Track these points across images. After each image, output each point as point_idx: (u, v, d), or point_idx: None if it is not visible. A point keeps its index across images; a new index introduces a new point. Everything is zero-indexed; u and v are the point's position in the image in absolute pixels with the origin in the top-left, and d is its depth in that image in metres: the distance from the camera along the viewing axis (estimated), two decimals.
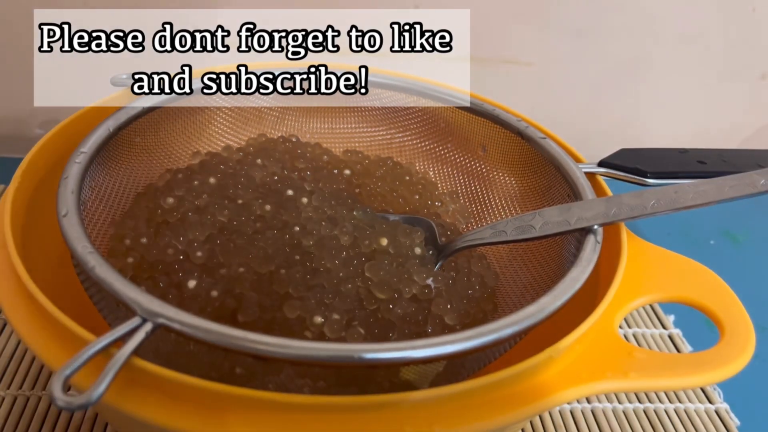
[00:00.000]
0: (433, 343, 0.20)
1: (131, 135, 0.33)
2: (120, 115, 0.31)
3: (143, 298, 0.20)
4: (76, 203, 0.25)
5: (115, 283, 0.21)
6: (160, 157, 0.36)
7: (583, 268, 0.25)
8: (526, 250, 0.34)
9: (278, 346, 0.19)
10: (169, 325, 0.20)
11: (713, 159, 0.34)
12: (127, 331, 0.20)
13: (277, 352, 0.19)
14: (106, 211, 0.31)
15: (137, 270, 0.29)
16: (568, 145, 0.34)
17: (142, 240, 0.30)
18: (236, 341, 0.19)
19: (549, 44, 0.55)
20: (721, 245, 0.51)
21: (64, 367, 0.18)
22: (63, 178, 0.26)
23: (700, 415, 0.35)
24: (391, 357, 0.20)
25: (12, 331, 0.35)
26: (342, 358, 0.20)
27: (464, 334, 0.21)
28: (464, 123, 0.38)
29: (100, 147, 0.29)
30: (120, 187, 0.33)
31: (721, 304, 0.26)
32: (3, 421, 0.30)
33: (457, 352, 0.21)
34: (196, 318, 0.20)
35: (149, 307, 0.20)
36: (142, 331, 0.20)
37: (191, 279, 0.28)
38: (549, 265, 0.31)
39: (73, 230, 0.23)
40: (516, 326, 0.22)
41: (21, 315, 0.22)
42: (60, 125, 0.32)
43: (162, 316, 0.20)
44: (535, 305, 0.23)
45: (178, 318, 0.20)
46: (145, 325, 0.20)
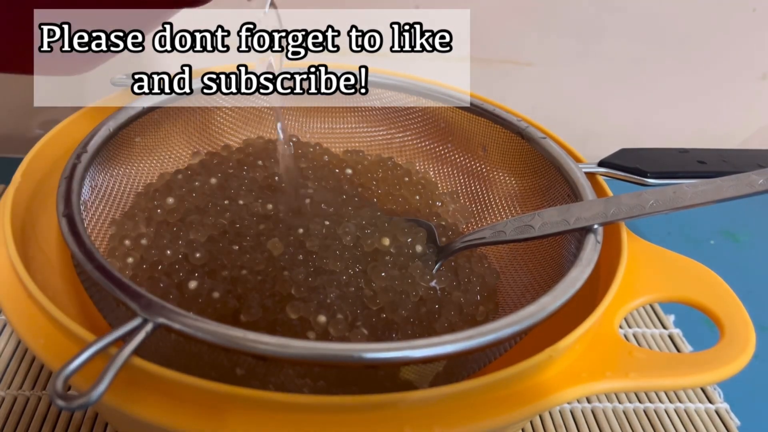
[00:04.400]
0: (433, 343, 0.20)
1: (131, 135, 0.33)
2: (120, 115, 0.31)
3: (143, 298, 0.20)
4: (77, 203, 0.25)
5: (116, 283, 0.21)
6: (160, 156, 0.36)
7: (582, 268, 0.25)
8: (527, 251, 0.34)
9: (278, 345, 0.19)
10: (170, 325, 0.20)
11: (713, 159, 0.34)
12: (128, 331, 0.20)
13: (277, 352, 0.19)
14: (106, 210, 0.32)
15: (137, 270, 0.29)
16: (569, 145, 0.34)
17: (142, 241, 0.31)
18: (237, 341, 0.19)
19: (549, 44, 0.55)
20: (721, 245, 0.51)
21: (63, 367, 0.18)
22: (63, 178, 0.26)
23: (700, 415, 0.35)
24: (392, 357, 0.20)
25: (12, 331, 0.35)
26: (342, 358, 0.20)
27: (464, 333, 0.21)
28: (464, 123, 0.38)
29: (101, 147, 0.29)
30: (120, 187, 0.33)
31: (721, 304, 0.26)
32: (3, 421, 0.30)
33: (457, 351, 0.21)
34: (197, 318, 0.20)
35: (150, 307, 0.20)
36: (143, 332, 0.20)
37: (192, 280, 0.28)
38: (549, 265, 0.31)
39: (73, 230, 0.23)
40: (516, 326, 0.22)
41: (21, 315, 0.22)
42: (60, 125, 0.32)
43: (162, 316, 0.20)
44: (535, 305, 0.23)
45: (179, 318, 0.20)
46: (146, 325, 0.20)
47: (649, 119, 0.62)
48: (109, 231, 0.31)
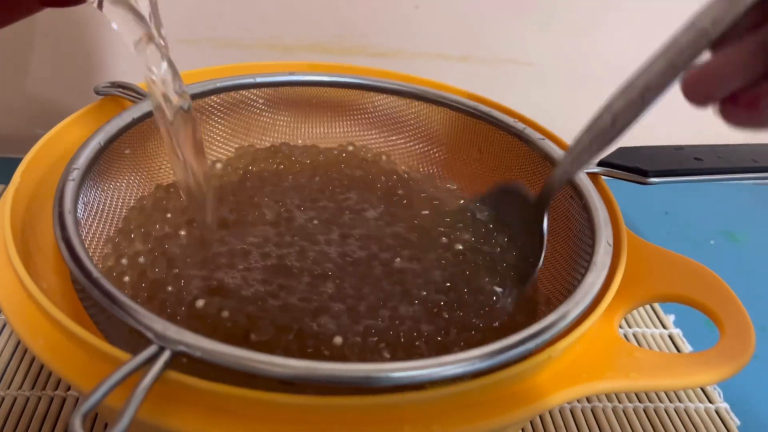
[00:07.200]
0: (457, 360, 0.20)
1: (121, 147, 0.32)
2: (110, 128, 0.30)
3: (158, 325, 0.20)
4: (74, 224, 0.25)
5: (129, 311, 0.20)
6: (150, 169, 0.35)
7: (598, 273, 0.25)
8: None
9: (304, 369, 0.19)
10: (190, 353, 0.19)
11: (709, 155, 0.34)
12: (145, 360, 0.19)
13: (303, 376, 0.19)
14: (100, 228, 0.31)
15: (135, 289, 0.29)
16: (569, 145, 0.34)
17: (139, 259, 0.30)
18: (262, 367, 0.19)
19: (549, 44, 0.55)
20: (721, 245, 0.51)
21: (80, 403, 0.17)
22: (57, 198, 0.26)
23: (700, 415, 0.35)
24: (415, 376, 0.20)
25: (12, 331, 0.35)
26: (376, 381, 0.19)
27: (486, 349, 0.21)
28: (462, 124, 0.38)
29: (92, 162, 0.29)
30: (112, 203, 0.32)
31: (721, 304, 0.26)
32: (3, 421, 0.30)
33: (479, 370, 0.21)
34: (217, 344, 0.19)
35: (166, 334, 0.19)
36: (161, 361, 0.19)
37: (200, 298, 0.27)
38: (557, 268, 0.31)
39: (74, 255, 0.23)
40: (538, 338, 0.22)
41: (21, 315, 0.22)
42: (60, 125, 0.31)
43: (182, 343, 0.19)
44: (555, 314, 0.23)
45: (198, 344, 0.19)
46: (163, 353, 0.19)
47: (648, 119, 0.62)
48: (105, 249, 0.31)
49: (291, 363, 0.19)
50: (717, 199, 0.56)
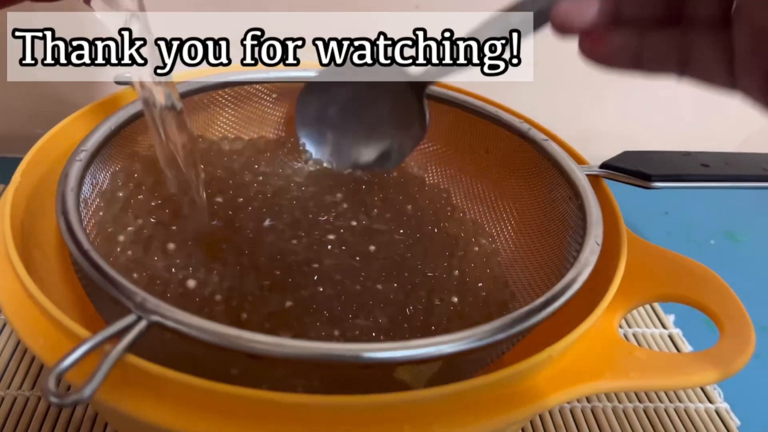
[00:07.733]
0: (430, 343, 0.20)
1: (133, 134, 0.33)
2: (122, 114, 0.31)
3: (138, 296, 0.20)
4: (76, 202, 0.25)
5: (111, 280, 0.21)
6: None
7: (579, 270, 0.25)
8: (527, 252, 0.34)
9: (273, 345, 0.19)
10: (164, 323, 0.20)
11: (717, 162, 0.34)
12: (122, 329, 0.20)
13: (272, 351, 0.19)
14: (105, 209, 0.31)
15: (137, 267, 0.29)
16: (571, 146, 0.34)
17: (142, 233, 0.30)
18: (231, 340, 0.19)
19: (549, 44, 0.55)
20: (721, 245, 0.51)
21: (57, 364, 0.18)
22: (63, 176, 0.26)
23: (700, 415, 0.35)
24: (389, 357, 0.20)
25: (12, 331, 0.35)
26: (339, 358, 0.20)
27: (461, 334, 0.21)
28: (466, 125, 0.38)
29: (101, 145, 0.29)
30: (121, 186, 0.32)
31: (721, 303, 0.27)
32: (3, 421, 0.30)
33: (454, 352, 0.21)
34: (191, 316, 0.20)
35: (144, 304, 0.20)
36: (136, 329, 0.20)
37: (190, 279, 0.28)
38: (549, 267, 0.31)
39: (71, 228, 0.23)
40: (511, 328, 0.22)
41: (20, 315, 0.22)
42: (60, 125, 0.32)
43: (157, 313, 0.20)
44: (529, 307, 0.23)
45: (173, 316, 0.20)
46: (140, 322, 0.20)
47: (649, 119, 0.62)
48: (109, 228, 0.31)
49: (259, 338, 0.19)
50: (717, 199, 0.56)
